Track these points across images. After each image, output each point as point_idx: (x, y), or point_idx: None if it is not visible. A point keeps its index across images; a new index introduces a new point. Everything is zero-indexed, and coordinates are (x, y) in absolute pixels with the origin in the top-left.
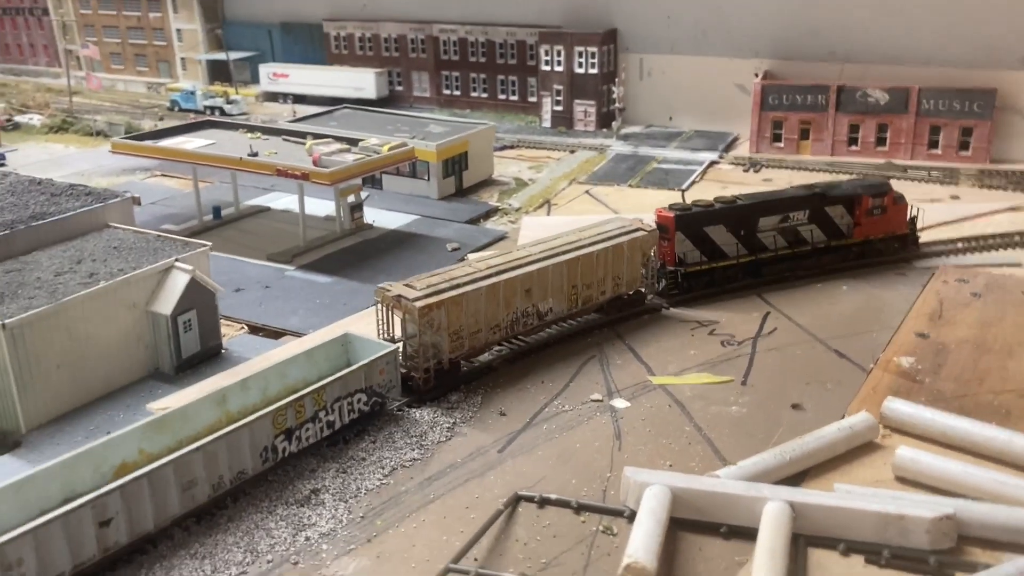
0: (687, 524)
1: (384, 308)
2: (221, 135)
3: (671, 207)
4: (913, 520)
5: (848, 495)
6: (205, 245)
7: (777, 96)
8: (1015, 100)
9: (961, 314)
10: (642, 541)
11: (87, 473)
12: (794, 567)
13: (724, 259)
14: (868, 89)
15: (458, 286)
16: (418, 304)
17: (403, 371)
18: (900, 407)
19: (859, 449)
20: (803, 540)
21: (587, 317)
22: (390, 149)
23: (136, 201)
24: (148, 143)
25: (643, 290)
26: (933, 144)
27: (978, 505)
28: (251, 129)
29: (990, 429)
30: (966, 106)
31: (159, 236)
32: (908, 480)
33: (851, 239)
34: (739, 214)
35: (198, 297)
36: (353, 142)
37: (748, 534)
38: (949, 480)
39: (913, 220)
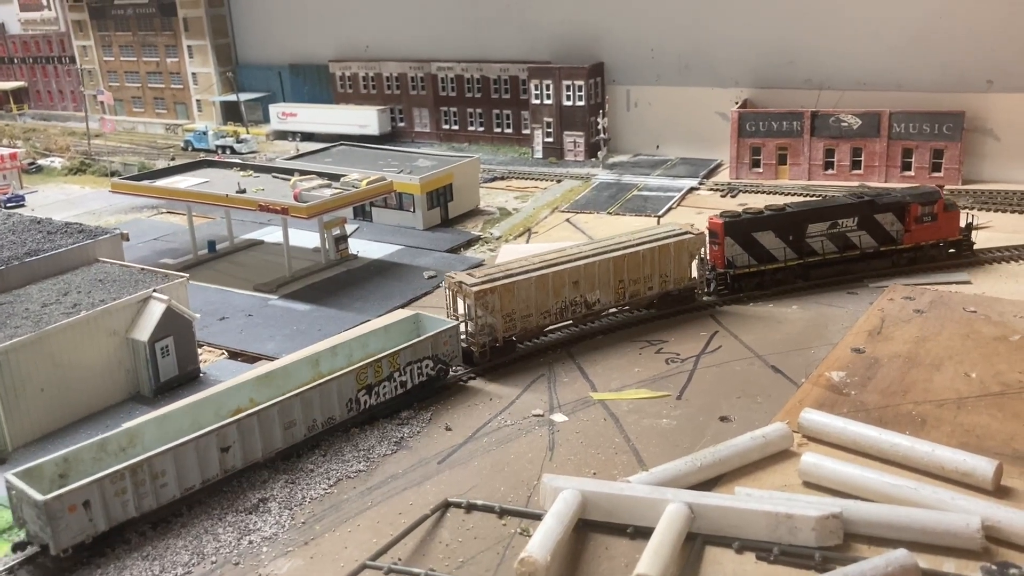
0: (598, 526)
1: (450, 292)
2: (215, 174)
3: (722, 214)
4: (800, 519)
5: (746, 497)
6: (182, 277)
7: (754, 123)
8: (983, 122)
9: (900, 330)
10: (540, 539)
11: (210, 414)
12: (686, 562)
13: (773, 262)
14: (841, 114)
15: (511, 275)
16: (474, 289)
17: (464, 346)
18: (815, 417)
19: (774, 457)
20: (701, 539)
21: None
22: (368, 183)
23: (125, 237)
24: (145, 183)
25: (696, 289)
26: (906, 166)
27: (865, 505)
28: (244, 167)
29: (894, 436)
30: (936, 128)
31: (142, 269)
32: (813, 484)
33: (901, 244)
34: (788, 220)
35: (175, 324)
36: (335, 178)
37: (651, 534)
38: (847, 483)
39: (969, 225)
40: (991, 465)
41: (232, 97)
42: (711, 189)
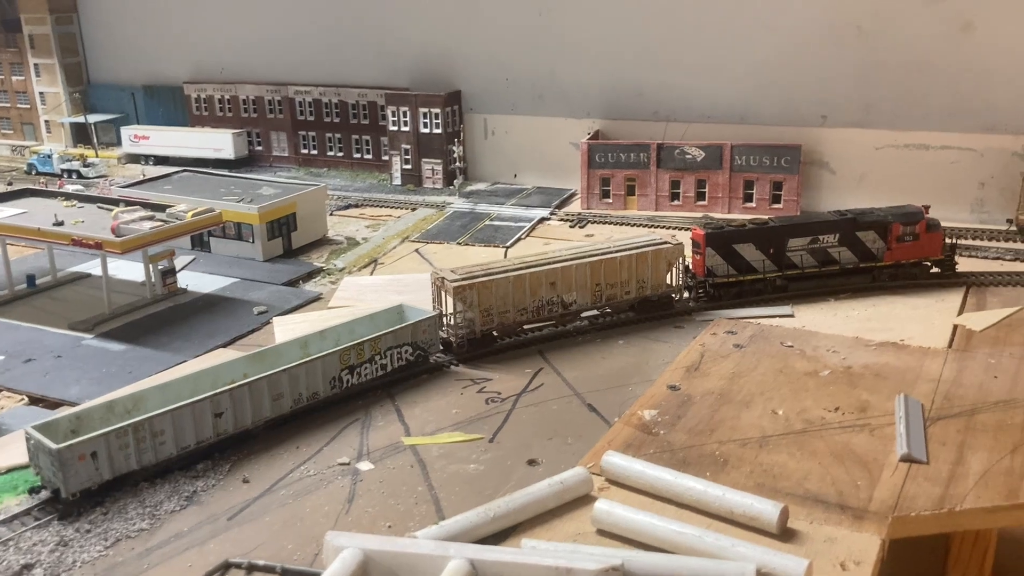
0: None
1: (434, 288)
2: (37, 204)
3: (705, 225)
4: (580, 572)
5: (530, 551)
6: None
7: (603, 154)
8: (819, 155)
9: (718, 366)
10: None
11: (207, 385)
12: None
13: (753, 273)
14: (685, 146)
15: (490, 274)
16: (454, 285)
17: (444, 336)
18: (616, 460)
19: (574, 503)
20: None
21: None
22: (195, 215)
23: None
24: None
25: (673, 296)
26: (748, 197)
27: (647, 555)
28: (68, 197)
29: (689, 480)
30: (775, 161)
31: None
32: (606, 532)
33: (882, 262)
34: (769, 234)
35: None
36: (161, 208)
37: None
38: (638, 531)
39: (953, 246)
40: (776, 509)
41: (82, 119)
42: (561, 219)
